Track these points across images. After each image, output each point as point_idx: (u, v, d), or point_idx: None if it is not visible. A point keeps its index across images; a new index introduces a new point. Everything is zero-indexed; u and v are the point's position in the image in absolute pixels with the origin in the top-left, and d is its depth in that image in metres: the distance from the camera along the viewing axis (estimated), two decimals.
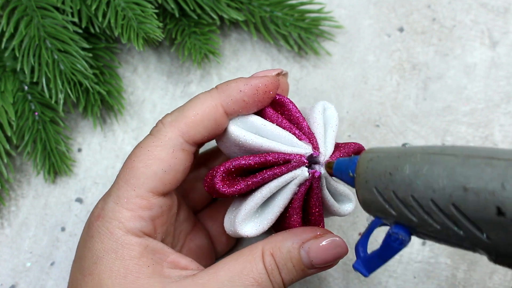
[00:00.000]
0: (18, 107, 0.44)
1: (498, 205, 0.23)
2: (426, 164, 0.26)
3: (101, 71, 0.46)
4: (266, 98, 0.34)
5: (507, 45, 0.48)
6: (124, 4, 0.43)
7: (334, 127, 0.36)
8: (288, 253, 0.32)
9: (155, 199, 0.33)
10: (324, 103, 0.36)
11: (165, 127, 0.34)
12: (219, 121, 0.34)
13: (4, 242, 0.45)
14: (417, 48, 0.48)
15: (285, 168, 0.33)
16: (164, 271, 0.33)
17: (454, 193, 0.24)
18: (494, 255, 0.25)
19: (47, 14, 0.43)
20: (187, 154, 0.34)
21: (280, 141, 0.34)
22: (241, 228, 0.34)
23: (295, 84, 0.48)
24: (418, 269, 0.44)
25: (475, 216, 0.24)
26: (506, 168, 0.23)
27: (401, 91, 0.47)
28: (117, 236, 0.32)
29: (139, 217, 0.33)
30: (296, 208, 0.34)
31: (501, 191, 0.23)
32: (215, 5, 0.46)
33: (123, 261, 0.32)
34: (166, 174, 0.33)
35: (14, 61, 0.45)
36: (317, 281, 0.44)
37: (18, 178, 0.46)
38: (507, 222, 0.23)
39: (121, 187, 0.33)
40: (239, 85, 0.34)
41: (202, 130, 0.34)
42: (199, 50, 0.46)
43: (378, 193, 0.27)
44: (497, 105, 0.47)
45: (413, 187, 0.26)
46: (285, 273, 0.32)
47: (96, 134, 0.47)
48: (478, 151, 0.25)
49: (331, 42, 0.48)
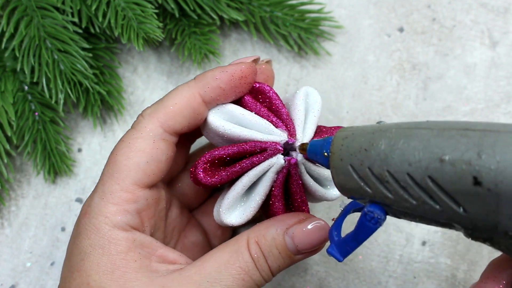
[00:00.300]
0: (18, 107, 0.44)
1: (475, 175, 0.23)
2: (401, 138, 0.26)
3: (101, 71, 0.46)
4: (243, 84, 0.35)
5: (507, 45, 0.48)
6: (124, 4, 0.43)
7: (316, 112, 0.36)
8: (272, 240, 0.32)
9: (140, 191, 0.33)
10: (307, 88, 0.36)
11: (144, 119, 0.34)
12: (197, 110, 0.34)
13: (4, 242, 0.45)
14: (417, 48, 0.48)
15: (262, 157, 0.33)
16: (152, 265, 0.33)
17: (430, 165, 0.24)
18: (471, 229, 0.25)
19: (47, 14, 0.43)
20: (168, 144, 0.34)
21: (258, 129, 0.34)
22: (225, 218, 0.34)
23: (295, 84, 0.48)
24: (418, 269, 0.44)
25: (452, 188, 0.24)
26: (481, 138, 0.23)
27: (401, 91, 0.47)
28: (104, 232, 0.32)
29: (124, 210, 0.33)
30: (277, 196, 0.35)
31: (477, 160, 0.23)
32: (215, 5, 0.46)
33: (110, 256, 0.32)
34: (149, 165, 0.33)
35: (14, 61, 0.45)
36: (317, 281, 0.44)
37: (18, 178, 0.46)
38: (483, 192, 0.23)
39: (106, 182, 0.33)
40: (215, 73, 0.34)
41: (181, 120, 0.34)
42: (199, 50, 0.46)
43: (353, 170, 0.27)
44: (497, 105, 0.47)
45: (389, 162, 0.26)
46: (271, 260, 0.32)
47: (96, 134, 0.47)
48: (453, 124, 0.25)
49: (331, 42, 0.48)
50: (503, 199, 0.23)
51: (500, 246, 0.25)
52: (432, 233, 0.44)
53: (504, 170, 0.22)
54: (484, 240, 0.25)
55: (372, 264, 0.44)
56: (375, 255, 0.44)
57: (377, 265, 0.44)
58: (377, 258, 0.44)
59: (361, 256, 0.44)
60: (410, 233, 0.45)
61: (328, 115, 0.47)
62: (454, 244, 0.44)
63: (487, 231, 0.24)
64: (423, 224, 0.44)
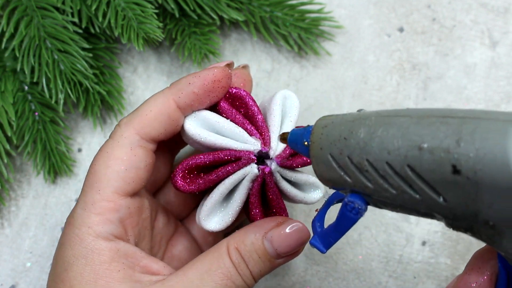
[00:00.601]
0: (18, 107, 0.44)
1: (453, 163, 0.22)
2: (380, 126, 0.25)
3: (101, 71, 0.46)
4: (217, 89, 0.35)
5: (507, 45, 0.48)
6: (124, 4, 0.43)
7: (293, 117, 0.36)
8: (252, 245, 0.33)
9: (121, 200, 0.33)
10: (285, 92, 0.36)
11: (121, 128, 0.34)
12: (172, 116, 0.34)
13: (4, 242, 0.45)
14: (417, 48, 0.48)
15: (236, 166, 0.34)
16: (135, 275, 0.33)
17: (409, 153, 0.24)
18: (451, 219, 0.24)
19: (47, 14, 0.43)
20: (146, 151, 0.34)
21: (233, 137, 0.34)
22: (205, 224, 0.35)
23: (295, 84, 0.48)
24: (418, 269, 0.44)
25: (431, 176, 0.23)
26: (460, 125, 0.23)
27: (401, 91, 0.47)
28: (87, 242, 0.32)
29: (107, 220, 0.33)
30: (254, 203, 0.35)
31: (456, 148, 0.22)
32: (215, 5, 0.46)
33: (93, 266, 0.32)
34: (128, 172, 0.33)
35: (14, 61, 0.45)
36: (317, 281, 0.44)
37: (18, 178, 0.46)
38: (462, 180, 0.22)
39: (87, 192, 0.33)
40: (188, 79, 0.34)
41: (157, 126, 0.34)
42: (199, 50, 0.46)
43: (333, 159, 0.27)
44: (497, 105, 0.47)
45: (368, 150, 0.25)
46: (252, 265, 0.33)
47: (96, 134, 0.47)
48: (432, 112, 0.24)
49: (331, 42, 0.48)
50: (483, 187, 0.22)
51: (481, 236, 0.25)
52: (432, 233, 0.44)
53: (483, 157, 0.22)
54: (465, 230, 0.25)
55: (372, 264, 0.44)
56: (375, 255, 0.44)
57: (377, 265, 0.44)
58: (377, 258, 0.44)
59: (361, 256, 0.44)
60: (410, 233, 0.45)
61: None
62: (454, 244, 0.44)
63: (468, 220, 0.24)
64: (423, 224, 0.44)
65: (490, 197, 0.22)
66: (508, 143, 0.21)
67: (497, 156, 0.21)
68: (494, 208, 0.23)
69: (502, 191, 0.22)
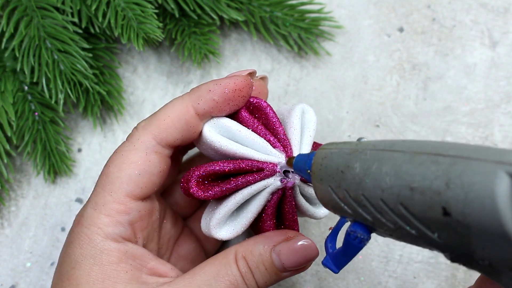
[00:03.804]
0: (18, 107, 0.44)
1: (443, 205, 0.22)
2: (375, 161, 0.25)
3: (101, 71, 0.46)
4: (238, 98, 0.34)
5: (507, 45, 0.48)
6: (124, 4, 0.43)
7: (311, 132, 0.36)
8: (259, 256, 0.33)
9: (132, 203, 0.33)
10: (303, 106, 0.36)
11: (138, 131, 0.34)
12: (190, 122, 0.34)
13: (4, 242, 0.45)
14: (417, 48, 0.48)
15: (258, 176, 0.33)
16: (143, 277, 0.33)
17: (401, 192, 0.23)
18: (449, 255, 0.24)
19: (47, 14, 0.43)
20: (161, 157, 0.34)
21: (255, 148, 0.34)
22: (215, 232, 0.34)
23: (295, 84, 0.48)
24: (418, 269, 0.44)
25: (423, 216, 0.23)
26: (450, 166, 0.22)
27: (401, 91, 0.47)
28: (96, 242, 0.32)
29: (117, 222, 0.33)
30: (269, 215, 0.35)
31: (445, 190, 0.22)
32: (215, 5, 0.46)
33: (101, 266, 0.32)
34: (141, 177, 0.33)
35: (14, 61, 0.45)
36: (317, 281, 0.44)
37: (18, 178, 0.46)
38: (453, 222, 0.22)
39: (99, 193, 0.33)
40: (209, 86, 0.34)
41: (174, 132, 0.34)
42: (199, 50, 0.46)
43: (332, 191, 0.27)
44: (497, 105, 0.47)
45: (363, 186, 0.25)
46: (258, 276, 0.33)
47: (96, 134, 0.47)
48: (425, 147, 0.24)
49: (331, 42, 0.48)
50: (473, 231, 0.22)
51: (480, 270, 0.24)
52: None
53: (472, 202, 0.21)
54: (465, 264, 0.24)
55: (372, 264, 0.44)
56: (375, 255, 0.44)
57: (377, 265, 0.44)
58: (377, 258, 0.44)
59: (361, 256, 0.44)
60: None
61: (328, 115, 0.47)
62: None
63: (465, 258, 0.24)
64: None
65: (482, 241, 0.22)
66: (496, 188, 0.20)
67: (485, 201, 0.21)
68: (487, 251, 0.22)
69: (492, 236, 0.21)
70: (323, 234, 0.45)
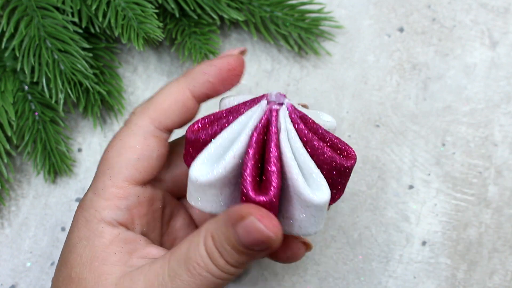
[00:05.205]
0: (18, 107, 0.44)
1: None
2: None
3: (101, 71, 0.46)
4: (232, 77, 0.34)
5: (507, 45, 0.48)
6: (124, 4, 0.43)
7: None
8: (222, 234, 0.29)
9: (131, 188, 0.33)
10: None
11: (135, 116, 0.34)
12: (187, 105, 0.34)
13: (4, 242, 0.45)
14: (417, 48, 0.48)
15: (248, 106, 0.31)
16: (132, 260, 0.32)
17: None
18: None
19: (47, 14, 0.43)
20: (160, 141, 0.34)
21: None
22: (192, 170, 0.30)
23: (295, 84, 0.48)
24: (418, 269, 0.44)
25: None
26: None
27: (401, 91, 0.47)
28: (92, 224, 0.33)
29: (114, 206, 0.33)
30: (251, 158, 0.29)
31: None
32: (215, 5, 0.46)
33: (92, 248, 0.32)
34: (140, 161, 0.33)
35: (14, 61, 0.45)
36: (317, 281, 0.44)
37: (18, 178, 0.46)
38: None
39: (99, 178, 0.34)
40: (202, 67, 0.34)
41: (171, 116, 0.34)
42: (199, 50, 0.46)
43: None
44: (497, 105, 0.47)
45: None
46: (226, 256, 0.29)
47: (96, 134, 0.47)
48: None
49: (331, 42, 0.48)
50: None
51: None
52: (432, 233, 0.44)
53: None
54: None
55: (372, 264, 0.44)
56: (375, 255, 0.44)
57: (377, 265, 0.44)
58: (377, 258, 0.44)
59: (361, 256, 0.44)
60: (410, 233, 0.45)
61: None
62: (454, 244, 0.44)
63: None
64: (423, 224, 0.44)
65: None
66: None
67: None
68: None
69: None
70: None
